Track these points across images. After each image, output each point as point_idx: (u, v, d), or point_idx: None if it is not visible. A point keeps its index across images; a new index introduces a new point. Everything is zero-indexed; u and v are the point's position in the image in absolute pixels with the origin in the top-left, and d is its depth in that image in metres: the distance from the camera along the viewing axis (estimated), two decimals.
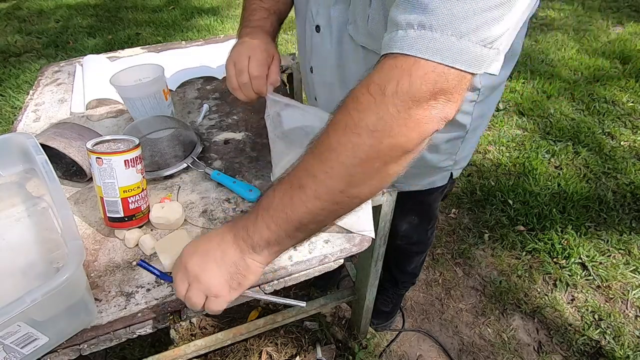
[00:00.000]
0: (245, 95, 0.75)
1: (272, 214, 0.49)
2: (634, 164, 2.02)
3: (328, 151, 0.45)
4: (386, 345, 1.39)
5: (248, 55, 0.72)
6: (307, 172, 0.47)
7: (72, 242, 0.54)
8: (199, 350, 1.08)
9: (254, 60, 0.72)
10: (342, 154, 0.44)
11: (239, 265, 0.52)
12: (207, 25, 3.54)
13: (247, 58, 0.72)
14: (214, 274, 0.52)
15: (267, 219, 0.50)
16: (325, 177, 0.45)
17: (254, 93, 0.74)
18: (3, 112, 2.52)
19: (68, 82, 1.20)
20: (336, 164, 0.45)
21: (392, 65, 0.42)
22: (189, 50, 1.33)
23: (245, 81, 0.72)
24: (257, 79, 0.72)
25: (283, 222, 0.49)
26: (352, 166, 0.44)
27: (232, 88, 0.75)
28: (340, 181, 0.45)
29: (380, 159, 0.44)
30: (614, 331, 1.39)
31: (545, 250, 1.65)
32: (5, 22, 3.72)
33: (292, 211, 0.48)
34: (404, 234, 1.11)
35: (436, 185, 0.93)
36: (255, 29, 0.78)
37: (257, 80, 0.72)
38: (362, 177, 0.45)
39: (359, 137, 0.43)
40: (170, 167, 0.84)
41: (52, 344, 0.57)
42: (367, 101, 0.42)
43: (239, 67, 0.72)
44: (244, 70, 0.72)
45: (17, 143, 0.72)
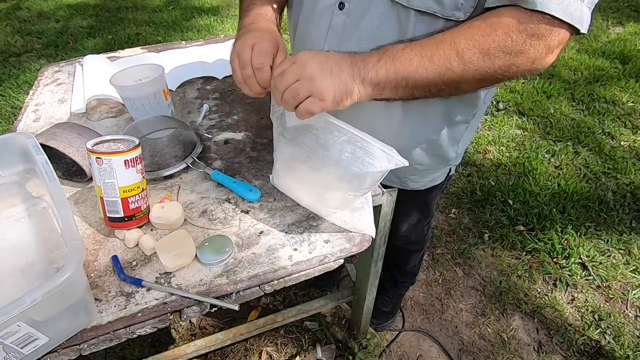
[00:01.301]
0: (251, 89, 0.68)
1: (396, 63, 0.57)
2: (634, 164, 2.01)
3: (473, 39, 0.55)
4: (386, 345, 1.39)
5: (251, 45, 0.66)
6: (450, 48, 0.56)
7: (72, 242, 0.54)
8: (199, 350, 1.08)
9: (257, 51, 0.66)
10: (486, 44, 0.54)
11: (348, 85, 0.58)
12: (207, 25, 3.54)
13: (250, 49, 0.66)
14: (327, 79, 0.56)
15: (389, 64, 0.57)
16: (465, 54, 0.55)
17: (259, 87, 0.67)
18: (3, 112, 2.52)
19: (68, 82, 1.20)
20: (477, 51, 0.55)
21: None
22: (189, 50, 1.33)
23: (250, 74, 0.66)
24: (260, 70, 0.65)
25: (400, 73, 0.57)
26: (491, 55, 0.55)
27: (238, 82, 0.70)
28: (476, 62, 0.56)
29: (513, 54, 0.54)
30: (614, 331, 1.39)
31: (545, 250, 1.65)
32: (5, 22, 3.72)
33: (414, 71, 0.57)
34: (403, 234, 1.11)
35: (436, 183, 0.94)
36: (258, 17, 0.74)
37: (260, 73, 0.65)
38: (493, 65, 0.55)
39: (504, 38, 0.53)
40: (170, 167, 0.84)
41: (52, 344, 0.57)
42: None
43: (242, 60, 0.66)
44: (248, 63, 0.66)
45: (17, 143, 0.72)
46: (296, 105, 0.58)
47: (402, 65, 0.57)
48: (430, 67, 0.57)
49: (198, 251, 0.69)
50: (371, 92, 0.60)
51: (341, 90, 0.57)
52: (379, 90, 0.60)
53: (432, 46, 0.57)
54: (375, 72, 0.58)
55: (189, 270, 0.68)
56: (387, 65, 0.57)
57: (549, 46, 0.53)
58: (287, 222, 0.76)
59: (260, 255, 0.70)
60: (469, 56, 0.55)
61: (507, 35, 0.53)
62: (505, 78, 0.58)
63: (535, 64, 0.55)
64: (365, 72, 0.58)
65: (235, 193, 0.81)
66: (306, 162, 0.68)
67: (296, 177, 0.73)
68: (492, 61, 0.55)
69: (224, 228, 0.75)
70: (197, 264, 0.69)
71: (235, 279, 0.66)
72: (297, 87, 0.57)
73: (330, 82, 0.56)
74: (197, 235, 0.73)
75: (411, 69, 0.57)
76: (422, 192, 0.96)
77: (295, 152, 0.69)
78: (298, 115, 0.59)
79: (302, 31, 0.78)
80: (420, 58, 0.57)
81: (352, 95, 0.59)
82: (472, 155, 2.14)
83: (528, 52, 0.54)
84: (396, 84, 0.58)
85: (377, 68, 0.58)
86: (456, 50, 0.55)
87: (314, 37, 0.74)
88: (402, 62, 0.57)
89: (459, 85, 0.59)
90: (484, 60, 0.55)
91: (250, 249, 0.71)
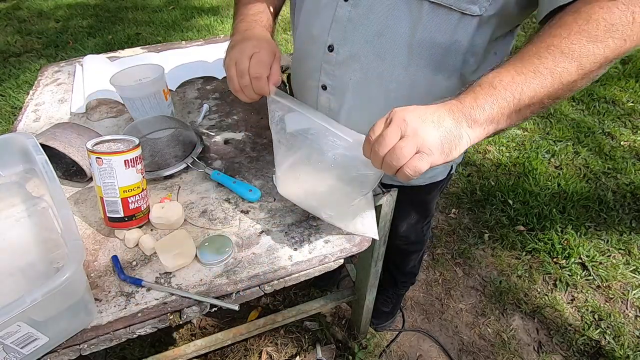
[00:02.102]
0: (247, 96, 0.71)
1: (498, 90, 0.50)
2: (634, 164, 2.01)
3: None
4: (386, 345, 1.39)
5: (250, 54, 0.68)
6: (552, 55, 0.50)
7: (72, 242, 0.54)
8: (199, 350, 1.08)
9: (256, 61, 0.67)
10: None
11: (454, 133, 0.51)
12: (207, 25, 3.54)
13: (249, 58, 0.68)
14: (431, 132, 0.51)
15: (492, 95, 0.50)
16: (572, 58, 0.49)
17: (255, 94, 0.70)
18: (3, 112, 2.52)
19: (68, 82, 1.20)
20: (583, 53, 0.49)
21: None
22: (189, 50, 1.33)
23: (247, 84, 0.68)
24: (258, 80, 0.67)
25: (508, 100, 0.50)
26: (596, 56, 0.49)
27: (234, 90, 0.71)
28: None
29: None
30: (614, 331, 1.39)
31: (545, 250, 1.65)
32: (5, 22, 3.72)
33: (523, 90, 0.50)
34: (402, 234, 1.11)
35: (437, 180, 0.93)
36: (253, 24, 0.74)
37: (258, 82, 0.68)
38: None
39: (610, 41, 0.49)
40: (170, 167, 0.84)
41: (52, 344, 0.57)
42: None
43: (240, 69, 0.68)
44: (246, 72, 0.68)
45: (17, 143, 0.72)
46: (400, 166, 0.51)
47: (509, 90, 0.50)
48: (542, 81, 0.50)
49: (198, 251, 0.69)
50: (483, 132, 0.53)
51: (448, 140, 0.51)
52: (494, 126, 0.53)
53: (527, 60, 0.51)
54: (481, 109, 0.51)
55: (189, 270, 0.68)
56: (490, 97, 0.51)
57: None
58: (287, 222, 0.76)
59: (260, 255, 0.70)
60: (578, 50, 0.49)
61: (610, 10, 0.48)
62: (620, 57, 0.52)
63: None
64: (469, 112, 0.51)
65: (235, 193, 0.81)
66: (305, 167, 0.68)
67: (297, 182, 0.73)
68: (604, 44, 0.49)
69: (224, 228, 0.75)
70: (197, 264, 0.69)
71: (235, 279, 0.66)
72: (402, 145, 0.50)
73: (436, 133, 0.50)
74: (197, 235, 0.73)
75: (521, 90, 0.50)
76: (422, 191, 0.96)
77: (295, 158, 0.69)
78: (403, 177, 0.52)
79: (305, 25, 0.76)
80: (523, 76, 0.50)
81: (460, 142, 0.52)
82: (472, 155, 2.14)
83: (635, 18, 0.48)
84: (509, 111, 0.51)
85: (481, 103, 0.51)
86: (560, 51, 0.50)
87: (317, 31, 0.72)
88: (506, 88, 0.50)
89: (576, 84, 0.52)
90: (595, 45, 0.49)
91: (250, 249, 0.71)
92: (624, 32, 0.48)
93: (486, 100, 0.51)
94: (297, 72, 0.85)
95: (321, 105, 0.79)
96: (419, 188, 0.94)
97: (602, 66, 0.51)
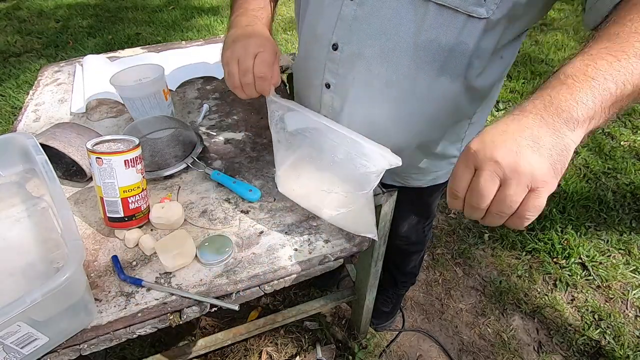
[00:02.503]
0: (247, 93, 0.70)
1: (598, 82, 0.42)
2: (634, 164, 2.01)
3: None
4: (386, 345, 1.39)
5: (254, 53, 0.66)
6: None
7: (72, 242, 0.54)
8: (199, 350, 1.08)
9: (260, 61, 0.67)
10: None
11: (560, 146, 0.42)
12: (207, 25, 3.54)
13: (253, 57, 0.67)
14: (535, 160, 0.41)
15: (591, 88, 0.42)
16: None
17: (255, 93, 0.70)
18: (3, 112, 2.52)
19: (68, 82, 1.20)
20: None
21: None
22: (189, 50, 1.33)
23: (250, 82, 0.68)
24: (262, 79, 0.67)
25: (612, 91, 0.42)
26: None
27: (232, 86, 0.70)
28: None
29: None
30: (614, 331, 1.39)
31: (545, 250, 1.65)
32: (5, 22, 3.72)
33: (626, 78, 0.42)
34: (403, 235, 1.11)
35: (439, 182, 0.92)
36: (254, 20, 0.72)
37: (261, 82, 0.67)
38: None
39: None
40: (170, 167, 0.84)
41: (52, 344, 0.57)
42: None
43: (243, 67, 0.67)
44: (249, 70, 0.67)
45: (17, 143, 0.72)
46: (514, 213, 0.44)
47: (607, 79, 0.42)
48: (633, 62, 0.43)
49: (198, 251, 0.69)
50: (585, 131, 0.44)
51: (557, 158, 0.42)
52: (595, 122, 0.44)
53: (621, 42, 0.44)
54: (583, 104, 0.42)
55: (189, 270, 0.68)
56: (590, 89, 0.42)
57: None
58: (287, 222, 0.76)
59: (260, 255, 0.70)
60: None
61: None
62: None
63: None
64: (568, 111, 0.42)
65: (235, 193, 0.81)
66: (305, 166, 0.68)
67: (298, 181, 0.73)
68: None
69: (224, 228, 0.75)
70: (197, 264, 0.69)
71: (235, 279, 0.66)
72: (509, 194, 0.42)
73: (541, 159, 0.41)
74: (197, 235, 0.73)
75: (621, 78, 0.42)
76: (424, 192, 0.95)
77: (295, 157, 0.69)
78: (520, 222, 0.44)
79: (309, 23, 0.74)
80: (624, 61, 0.43)
81: (569, 151, 0.43)
82: None
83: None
84: (610, 104, 0.43)
85: (579, 98, 0.42)
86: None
87: (321, 29, 0.71)
88: (604, 76, 0.42)
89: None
90: None
91: (250, 249, 0.71)
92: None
93: (586, 94, 0.42)
94: (301, 70, 0.84)
95: (324, 103, 0.78)
96: (420, 189, 0.94)
97: None
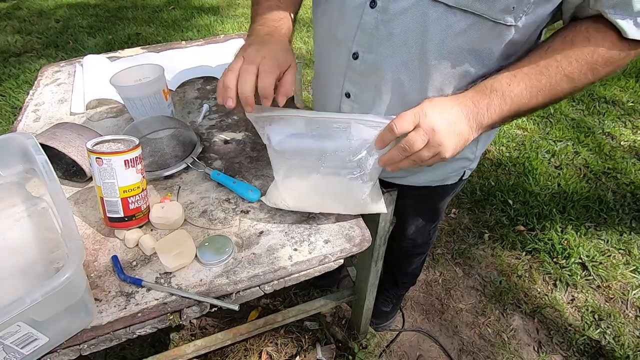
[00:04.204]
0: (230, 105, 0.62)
1: (507, 101, 0.58)
2: (634, 164, 2.01)
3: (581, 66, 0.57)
4: (386, 345, 1.39)
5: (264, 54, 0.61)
6: (558, 74, 0.57)
7: (72, 242, 0.54)
8: (199, 350, 1.08)
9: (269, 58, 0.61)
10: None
11: (466, 137, 0.60)
12: (207, 25, 3.54)
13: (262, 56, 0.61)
14: (451, 139, 0.58)
15: (502, 105, 0.58)
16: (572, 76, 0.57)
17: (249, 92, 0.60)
18: (3, 112, 2.52)
19: (68, 82, 1.20)
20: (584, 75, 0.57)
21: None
22: (189, 50, 1.33)
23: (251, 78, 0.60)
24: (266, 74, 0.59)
25: (513, 109, 0.59)
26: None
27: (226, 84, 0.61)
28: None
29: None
30: (614, 331, 1.39)
31: (545, 250, 1.65)
32: (5, 22, 3.72)
33: (525, 103, 0.59)
34: (410, 237, 1.11)
35: (448, 183, 0.90)
36: (274, 30, 0.69)
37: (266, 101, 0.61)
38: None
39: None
40: (170, 167, 0.84)
41: (52, 344, 0.57)
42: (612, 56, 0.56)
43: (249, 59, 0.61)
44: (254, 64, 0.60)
45: (17, 143, 0.72)
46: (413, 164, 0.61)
47: (514, 101, 0.59)
48: (541, 96, 0.59)
49: (198, 251, 0.69)
50: (481, 133, 0.62)
51: (461, 145, 0.59)
52: (490, 129, 0.62)
53: (538, 74, 0.58)
54: (489, 117, 0.59)
55: (189, 270, 0.68)
56: (500, 106, 0.59)
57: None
58: (287, 222, 0.76)
59: (260, 255, 0.70)
60: (577, 76, 0.57)
61: (611, 48, 0.55)
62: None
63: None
64: (480, 118, 0.59)
65: (235, 193, 0.81)
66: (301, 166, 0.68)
67: (298, 184, 0.72)
68: (598, 74, 0.57)
69: (224, 228, 0.75)
70: (197, 264, 0.69)
71: (235, 279, 0.66)
72: (425, 155, 0.58)
73: (454, 141, 0.58)
74: (197, 235, 0.73)
75: (522, 103, 0.59)
76: (434, 194, 0.94)
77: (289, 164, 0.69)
78: (406, 165, 0.61)
79: (328, 30, 0.72)
80: (529, 90, 0.58)
81: (467, 143, 0.61)
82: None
83: (628, 58, 0.57)
84: (506, 119, 0.61)
85: (491, 112, 0.59)
86: (564, 74, 0.57)
87: (341, 37, 0.69)
88: (512, 99, 0.59)
89: (561, 100, 0.62)
90: (592, 75, 0.57)
91: (250, 249, 0.71)
92: (618, 64, 0.57)
93: (496, 109, 0.59)
94: (319, 78, 0.82)
95: (343, 112, 0.77)
96: (430, 191, 0.91)
97: (586, 88, 0.63)
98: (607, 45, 0.55)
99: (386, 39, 0.64)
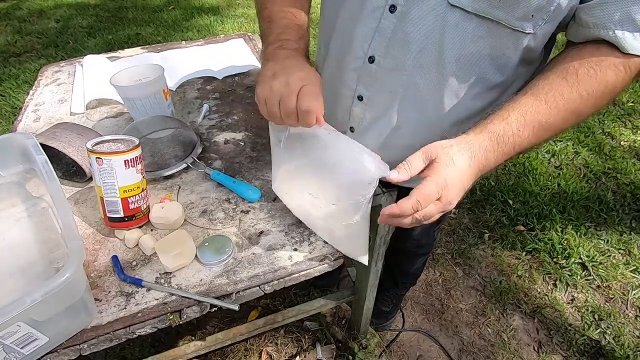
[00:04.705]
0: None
1: (509, 146, 0.56)
2: (634, 164, 2.01)
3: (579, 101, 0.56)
4: (386, 345, 1.39)
5: (297, 90, 0.59)
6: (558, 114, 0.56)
7: (72, 242, 0.54)
8: (199, 350, 1.08)
9: (305, 94, 0.58)
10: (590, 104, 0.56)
11: (466, 188, 0.58)
12: (207, 25, 3.54)
13: (296, 94, 0.58)
14: (459, 198, 0.57)
15: (505, 152, 0.57)
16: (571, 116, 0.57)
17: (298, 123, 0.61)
18: (3, 112, 2.52)
19: (68, 82, 1.20)
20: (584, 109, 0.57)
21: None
22: (189, 50, 1.33)
23: (293, 121, 0.60)
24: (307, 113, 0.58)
25: (511, 154, 0.58)
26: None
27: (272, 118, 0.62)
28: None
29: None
30: (614, 331, 1.39)
31: (545, 250, 1.65)
32: (5, 22, 3.72)
33: (528, 144, 0.57)
34: (415, 238, 1.11)
35: None
36: (294, 52, 0.65)
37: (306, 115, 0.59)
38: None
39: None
40: (170, 167, 0.84)
41: (52, 344, 0.57)
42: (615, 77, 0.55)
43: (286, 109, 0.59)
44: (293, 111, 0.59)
45: (17, 143, 0.72)
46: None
47: (518, 143, 0.57)
48: (546, 135, 0.58)
49: (198, 251, 0.69)
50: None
51: (462, 196, 0.58)
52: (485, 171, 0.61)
53: (546, 113, 0.56)
54: (492, 166, 0.58)
55: (189, 270, 0.68)
56: (505, 155, 0.58)
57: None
58: (287, 222, 0.76)
59: (260, 255, 0.70)
60: (584, 109, 0.56)
61: (616, 74, 0.55)
62: None
63: None
64: (484, 170, 0.58)
65: (235, 193, 0.81)
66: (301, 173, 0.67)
67: (290, 185, 0.72)
68: (605, 100, 0.57)
69: (224, 228, 0.75)
70: (197, 264, 0.69)
71: (235, 279, 0.66)
72: (434, 214, 0.56)
73: (460, 196, 0.57)
74: (197, 235, 0.73)
75: (525, 144, 0.57)
76: None
77: (294, 164, 0.69)
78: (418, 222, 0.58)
79: (343, 31, 0.71)
80: (536, 133, 0.57)
81: (466, 190, 0.59)
82: None
83: (630, 81, 0.56)
84: (503, 160, 0.59)
85: (496, 162, 0.58)
86: (573, 110, 0.56)
87: (357, 39, 0.68)
88: (521, 145, 0.57)
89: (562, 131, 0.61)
90: (601, 102, 0.56)
91: (250, 249, 0.71)
92: (619, 89, 0.56)
93: (499, 160, 0.58)
94: (329, 79, 0.79)
95: (354, 115, 0.75)
96: None
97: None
98: (612, 70, 0.54)
99: (404, 43, 0.63)
